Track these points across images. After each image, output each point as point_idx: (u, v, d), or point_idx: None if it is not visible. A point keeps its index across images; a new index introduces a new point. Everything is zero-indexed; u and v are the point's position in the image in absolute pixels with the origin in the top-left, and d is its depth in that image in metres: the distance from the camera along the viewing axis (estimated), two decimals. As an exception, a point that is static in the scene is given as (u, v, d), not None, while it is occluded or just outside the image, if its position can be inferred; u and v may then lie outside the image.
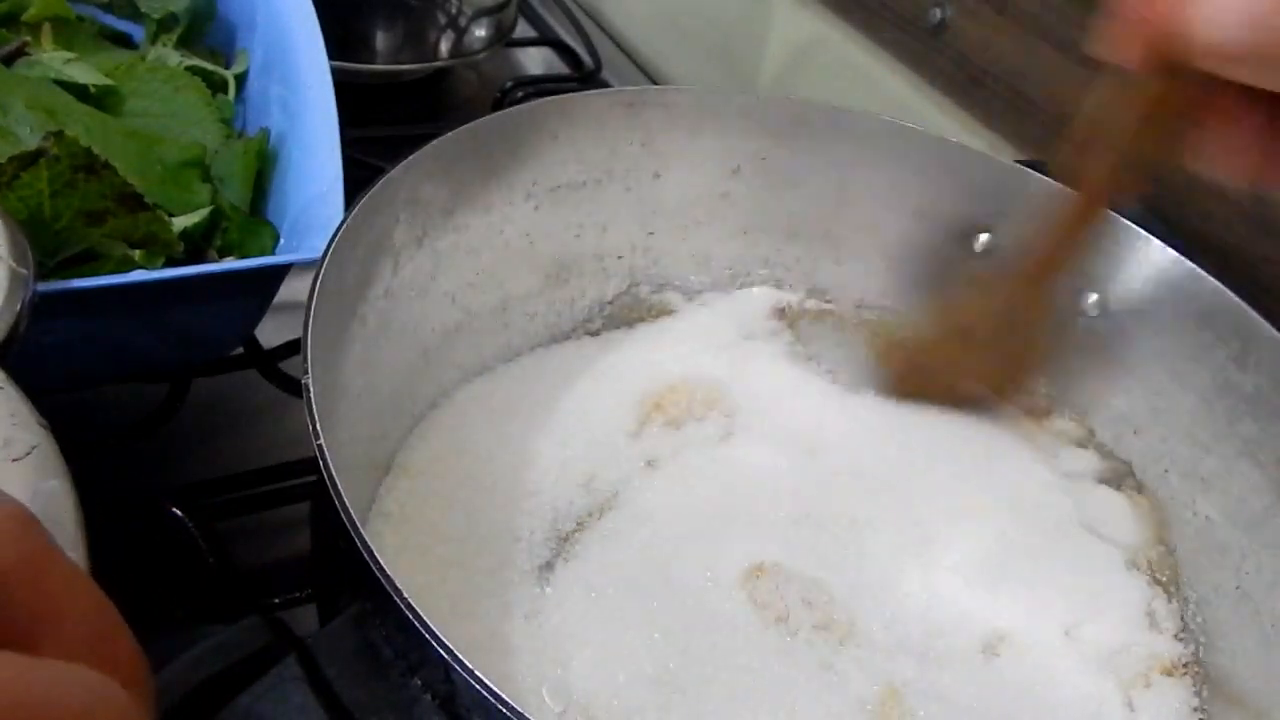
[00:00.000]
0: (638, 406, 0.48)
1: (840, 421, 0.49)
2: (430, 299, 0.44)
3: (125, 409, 0.48)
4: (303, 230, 0.44)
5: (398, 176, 0.40)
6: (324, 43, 0.50)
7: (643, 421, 0.47)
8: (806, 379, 0.51)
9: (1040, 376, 0.48)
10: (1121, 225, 0.45)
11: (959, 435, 0.49)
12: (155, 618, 0.41)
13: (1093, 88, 0.35)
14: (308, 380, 0.31)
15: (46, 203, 0.38)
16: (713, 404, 0.49)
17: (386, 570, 0.26)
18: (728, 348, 0.52)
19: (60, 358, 0.39)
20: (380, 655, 0.28)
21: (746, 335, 0.52)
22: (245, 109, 0.56)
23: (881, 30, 0.67)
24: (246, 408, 0.52)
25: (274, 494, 0.47)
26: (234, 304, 0.44)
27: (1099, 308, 0.46)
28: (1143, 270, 0.45)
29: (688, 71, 0.85)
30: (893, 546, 0.44)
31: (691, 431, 0.47)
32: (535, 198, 0.47)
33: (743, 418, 0.48)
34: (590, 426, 0.46)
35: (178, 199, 0.47)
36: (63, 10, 0.53)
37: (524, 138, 0.45)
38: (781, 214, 0.51)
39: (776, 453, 0.47)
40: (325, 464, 0.29)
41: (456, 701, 0.27)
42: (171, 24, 0.57)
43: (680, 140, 0.49)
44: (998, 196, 0.48)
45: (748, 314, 0.52)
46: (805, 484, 0.46)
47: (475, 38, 0.76)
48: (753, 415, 0.48)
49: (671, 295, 0.53)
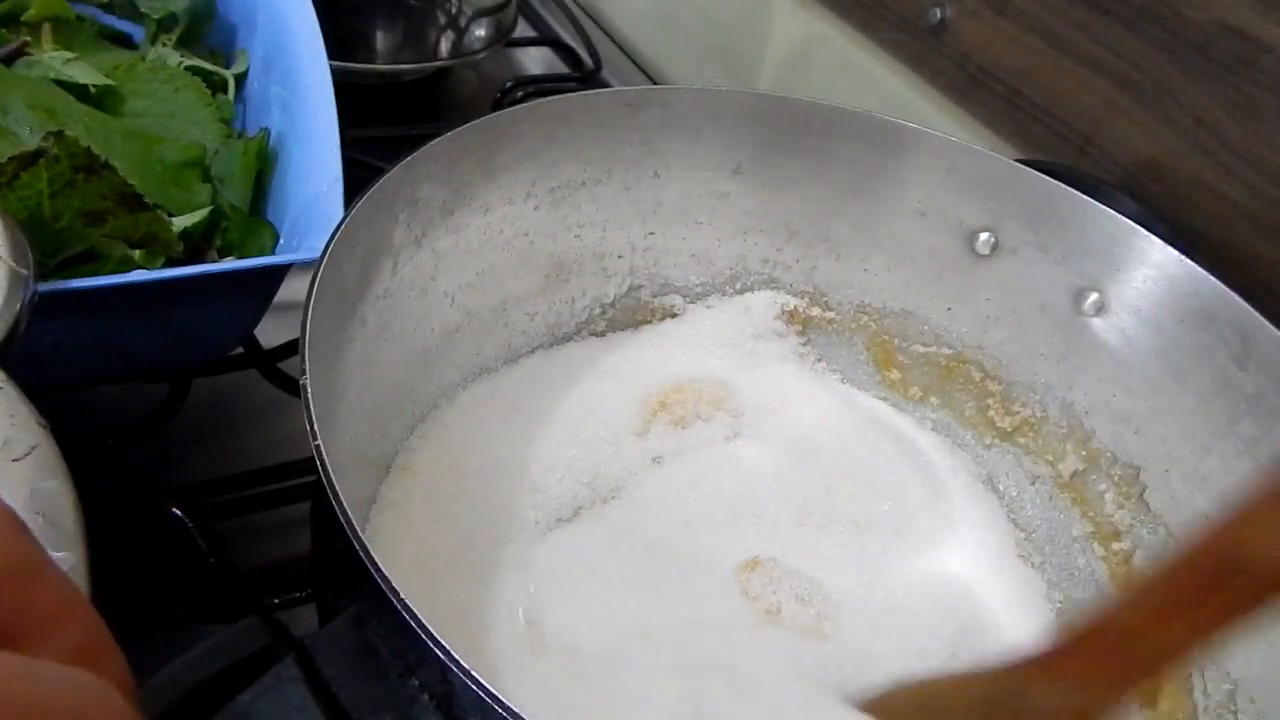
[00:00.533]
0: (643, 405, 0.48)
1: (845, 422, 0.49)
2: (430, 299, 0.44)
3: (125, 409, 0.48)
4: (302, 230, 0.44)
5: (397, 176, 0.40)
6: (324, 43, 0.50)
7: (648, 420, 0.48)
8: (812, 379, 0.52)
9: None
10: (1122, 224, 0.45)
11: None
12: (155, 618, 0.41)
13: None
14: (305, 381, 0.31)
15: (46, 203, 0.38)
16: (719, 403, 0.49)
17: (384, 571, 0.26)
18: (733, 348, 0.52)
19: (60, 358, 0.39)
20: (379, 656, 0.28)
21: (752, 335, 0.52)
22: (245, 109, 0.56)
23: (881, 30, 0.67)
24: (246, 408, 0.52)
25: (274, 494, 0.47)
26: (234, 304, 0.44)
27: (1098, 307, 0.46)
28: (1143, 269, 0.45)
29: (688, 71, 0.85)
30: (893, 549, 0.44)
31: (697, 431, 0.48)
32: (535, 197, 0.47)
33: (748, 417, 0.49)
34: (595, 425, 0.47)
35: (178, 199, 0.47)
36: (63, 10, 0.53)
37: (523, 137, 0.45)
38: (781, 214, 0.51)
39: (782, 453, 0.47)
40: (323, 464, 0.29)
41: (454, 702, 0.27)
42: (171, 24, 0.57)
43: (680, 140, 0.49)
44: (999, 195, 0.48)
45: (753, 315, 0.53)
46: (809, 484, 0.46)
47: (475, 38, 0.76)
48: (758, 415, 0.49)
49: (675, 299, 0.53)
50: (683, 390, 0.49)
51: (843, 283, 0.52)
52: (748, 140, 0.49)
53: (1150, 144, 0.52)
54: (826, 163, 0.50)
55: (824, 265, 0.52)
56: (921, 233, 0.50)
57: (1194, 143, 0.50)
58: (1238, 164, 0.49)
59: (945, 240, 0.50)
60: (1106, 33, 0.54)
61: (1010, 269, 0.48)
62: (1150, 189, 0.52)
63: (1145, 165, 0.53)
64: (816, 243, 0.52)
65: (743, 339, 0.52)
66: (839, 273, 0.52)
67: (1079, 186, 0.46)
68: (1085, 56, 0.55)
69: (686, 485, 0.45)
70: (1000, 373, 0.50)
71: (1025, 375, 0.49)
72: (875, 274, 0.52)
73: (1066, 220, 0.46)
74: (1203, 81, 0.50)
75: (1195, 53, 0.50)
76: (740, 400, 0.49)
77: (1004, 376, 0.50)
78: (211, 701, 0.27)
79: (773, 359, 0.52)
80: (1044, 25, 0.57)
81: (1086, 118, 0.55)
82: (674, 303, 0.53)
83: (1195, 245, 0.46)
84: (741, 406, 0.49)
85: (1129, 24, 0.53)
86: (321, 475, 0.29)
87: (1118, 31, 0.53)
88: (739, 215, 0.51)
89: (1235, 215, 0.49)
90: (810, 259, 0.52)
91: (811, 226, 0.52)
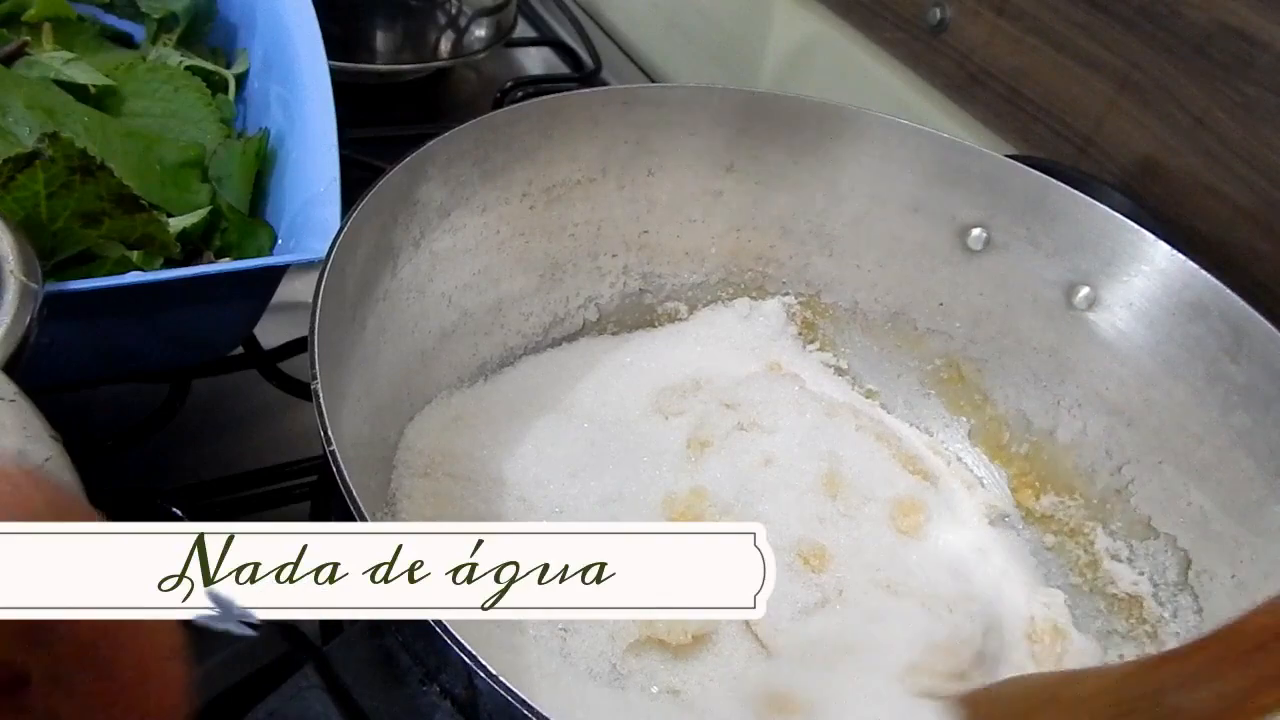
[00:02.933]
0: (646, 403, 0.48)
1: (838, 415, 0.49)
2: (427, 300, 0.44)
3: (125, 409, 0.48)
4: (300, 231, 0.44)
5: (397, 179, 0.40)
6: (324, 43, 0.50)
7: (649, 418, 0.48)
8: (818, 375, 0.52)
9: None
10: (1113, 219, 0.45)
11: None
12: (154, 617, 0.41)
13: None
14: (316, 385, 0.31)
15: (43, 204, 0.38)
16: (724, 401, 0.49)
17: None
18: (739, 347, 0.52)
19: (57, 359, 0.39)
20: (397, 662, 0.28)
21: (757, 334, 0.52)
22: (246, 108, 0.56)
23: (881, 30, 0.67)
24: (246, 408, 0.52)
25: (274, 494, 0.47)
26: (231, 305, 0.44)
27: (1090, 301, 0.46)
28: (1135, 263, 0.45)
29: (688, 71, 0.85)
30: (886, 526, 0.44)
31: (698, 429, 0.48)
32: (531, 197, 0.47)
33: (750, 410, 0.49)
34: (601, 420, 0.47)
35: (177, 199, 0.47)
36: (64, 10, 0.53)
37: (519, 137, 0.45)
38: (774, 211, 0.51)
39: (790, 441, 0.47)
40: (339, 469, 0.29)
41: (478, 707, 0.27)
42: (172, 24, 0.57)
43: (673, 138, 0.49)
44: (991, 191, 0.48)
45: (754, 319, 0.53)
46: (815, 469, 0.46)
47: (475, 38, 0.76)
48: (763, 408, 0.49)
49: (678, 304, 0.53)
50: (687, 387, 0.49)
51: (836, 279, 0.52)
52: (741, 138, 0.50)
53: (1150, 144, 0.52)
54: (820, 160, 0.50)
55: (817, 262, 0.52)
56: (914, 228, 0.50)
57: (1194, 142, 0.50)
58: (1237, 163, 0.49)
59: (938, 236, 0.50)
60: (1106, 32, 0.53)
61: (1002, 264, 0.49)
62: (1150, 188, 0.52)
63: (1145, 165, 0.53)
64: (809, 239, 0.52)
65: (747, 338, 0.52)
66: (832, 269, 0.52)
67: (1070, 182, 0.46)
68: (1085, 56, 0.55)
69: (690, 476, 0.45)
70: (993, 366, 0.50)
71: (1018, 369, 0.49)
72: (868, 270, 0.52)
73: (1058, 215, 0.46)
74: (1203, 81, 0.50)
75: (1195, 53, 0.50)
76: (743, 396, 0.49)
77: (997, 370, 0.50)
78: (232, 711, 0.27)
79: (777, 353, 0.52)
80: (1044, 25, 0.57)
81: (1086, 117, 0.55)
82: (678, 308, 0.53)
83: (1195, 244, 0.46)
84: (743, 400, 0.49)
85: (1129, 24, 0.52)
86: (339, 480, 0.28)
87: (1118, 31, 0.53)
88: (732, 212, 0.51)
89: (1235, 215, 0.49)
90: (803, 255, 0.52)
91: (804, 223, 0.52)
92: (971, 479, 0.50)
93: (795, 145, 0.50)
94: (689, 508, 0.43)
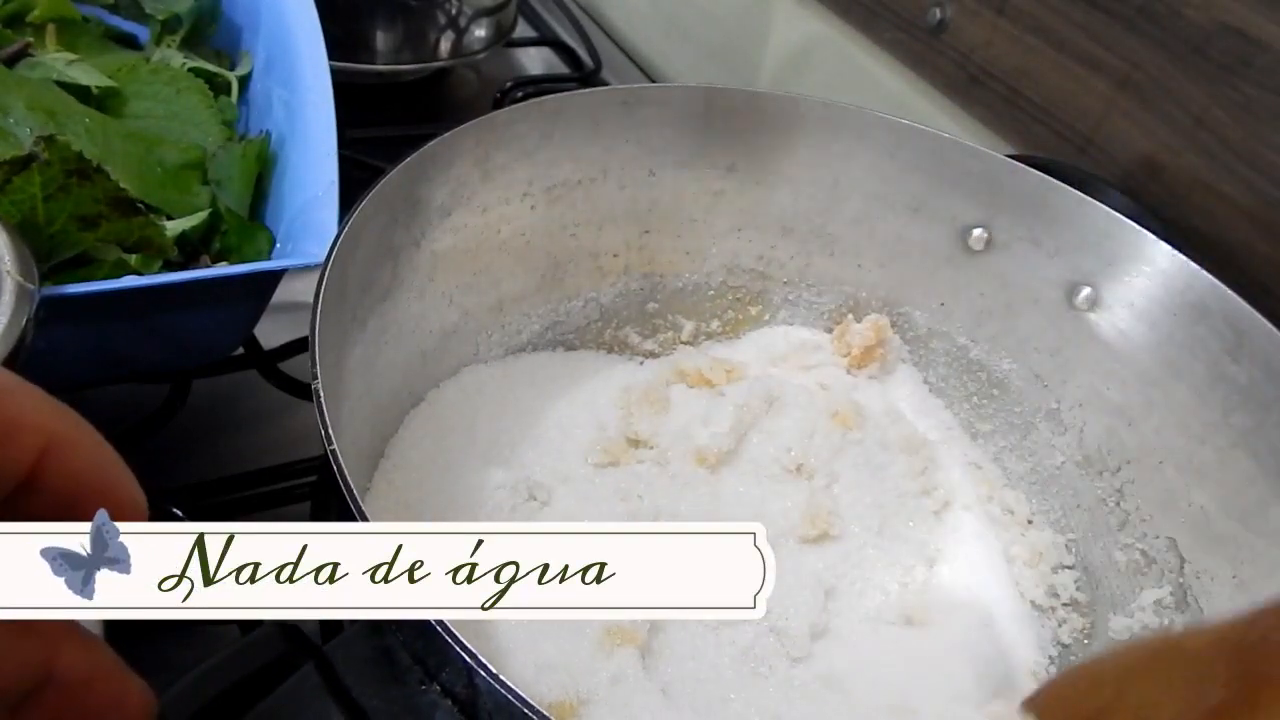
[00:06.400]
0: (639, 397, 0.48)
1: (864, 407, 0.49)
2: (428, 300, 0.44)
3: (125, 409, 0.48)
4: (298, 234, 0.44)
5: (397, 178, 0.40)
6: (325, 43, 0.50)
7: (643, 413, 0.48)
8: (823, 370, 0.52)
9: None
10: (1114, 219, 0.45)
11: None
12: (156, 620, 0.41)
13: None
14: (317, 385, 0.31)
15: (40, 207, 0.37)
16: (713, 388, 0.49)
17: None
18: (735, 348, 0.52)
19: (54, 362, 0.39)
20: (397, 661, 0.28)
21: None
22: (248, 110, 0.56)
23: (881, 30, 0.67)
24: (246, 408, 0.52)
25: (274, 494, 0.47)
26: (229, 308, 0.44)
27: (1091, 301, 0.46)
28: (1137, 263, 0.45)
29: (688, 71, 0.85)
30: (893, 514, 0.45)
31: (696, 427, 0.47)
32: (531, 197, 0.47)
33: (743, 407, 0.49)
34: (596, 412, 0.47)
35: (177, 201, 0.46)
36: (67, 11, 0.53)
37: (520, 137, 0.45)
38: (775, 211, 0.51)
39: (801, 430, 0.47)
40: (340, 471, 0.29)
41: (478, 706, 0.27)
42: (176, 25, 0.57)
43: (674, 137, 0.49)
44: (992, 191, 0.48)
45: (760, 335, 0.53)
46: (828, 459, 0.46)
47: (475, 38, 0.76)
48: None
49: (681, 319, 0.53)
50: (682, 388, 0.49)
51: (836, 279, 0.52)
52: (741, 137, 0.49)
53: (1150, 143, 0.52)
54: (820, 160, 0.50)
55: (818, 262, 0.52)
56: (915, 229, 0.50)
57: (1193, 142, 0.50)
58: (1237, 163, 0.49)
59: (939, 236, 0.50)
60: (1106, 33, 0.53)
61: (1003, 264, 0.49)
62: (1150, 188, 0.52)
63: (1144, 164, 0.53)
64: (810, 239, 0.52)
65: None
66: (832, 269, 0.52)
67: (1071, 182, 0.46)
68: (1085, 56, 0.55)
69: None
70: (993, 366, 0.50)
71: (1019, 369, 0.49)
72: (869, 270, 0.52)
73: (1059, 215, 0.46)
74: (1202, 81, 0.50)
75: (1195, 53, 0.50)
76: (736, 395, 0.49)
77: (997, 370, 0.50)
78: (232, 710, 0.27)
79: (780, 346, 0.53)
80: (1043, 25, 0.57)
81: (1086, 117, 0.55)
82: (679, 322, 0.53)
83: (1195, 244, 0.46)
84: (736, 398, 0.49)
85: (1129, 24, 0.52)
86: (340, 483, 0.28)
87: (1118, 31, 0.53)
88: (733, 213, 0.51)
89: (1235, 214, 0.49)
90: (804, 255, 0.52)
91: (805, 223, 0.52)
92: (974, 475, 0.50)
93: (796, 145, 0.50)
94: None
